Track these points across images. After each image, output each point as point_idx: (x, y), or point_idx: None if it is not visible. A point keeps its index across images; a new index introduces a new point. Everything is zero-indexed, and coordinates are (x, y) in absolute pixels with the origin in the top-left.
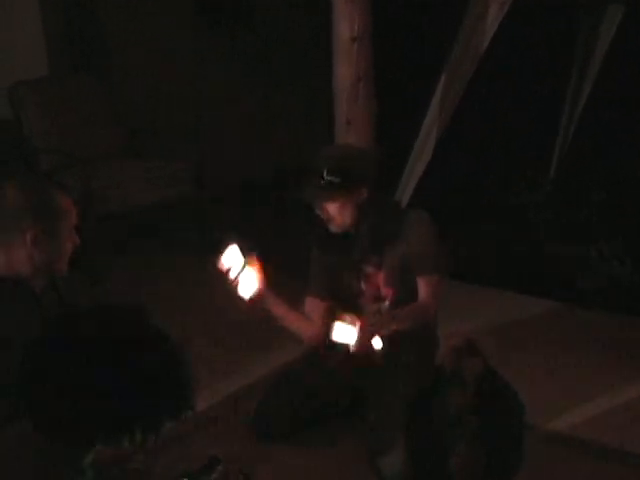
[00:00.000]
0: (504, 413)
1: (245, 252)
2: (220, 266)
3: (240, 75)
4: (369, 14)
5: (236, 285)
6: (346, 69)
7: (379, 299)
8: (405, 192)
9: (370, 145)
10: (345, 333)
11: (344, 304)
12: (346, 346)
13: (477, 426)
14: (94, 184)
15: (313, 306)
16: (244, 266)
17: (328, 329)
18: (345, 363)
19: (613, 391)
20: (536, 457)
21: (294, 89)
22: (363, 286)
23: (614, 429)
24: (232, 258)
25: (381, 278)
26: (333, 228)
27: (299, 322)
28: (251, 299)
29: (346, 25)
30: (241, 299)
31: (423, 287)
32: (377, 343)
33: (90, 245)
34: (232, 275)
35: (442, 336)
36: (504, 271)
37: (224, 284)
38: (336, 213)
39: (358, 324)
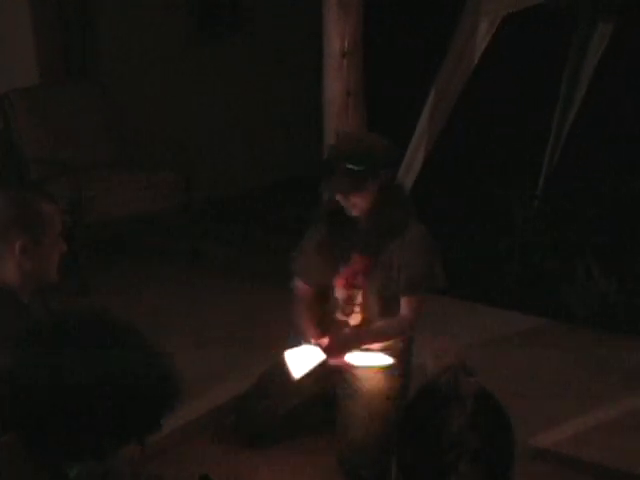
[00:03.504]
0: (500, 432)
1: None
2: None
3: (232, 86)
4: (360, 29)
5: None
6: (336, 83)
7: (352, 286)
8: None
9: None
10: (310, 355)
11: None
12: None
13: (477, 445)
14: (84, 193)
15: (302, 291)
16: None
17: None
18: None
19: (598, 407)
20: (520, 473)
21: (287, 100)
22: (342, 268)
23: (598, 445)
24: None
25: (362, 268)
26: (352, 212)
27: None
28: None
29: (337, 40)
30: None
31: (405, 304)
32: (354, 359)
33: (78, 254)
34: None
35: (431, 353)
36: (491, 287)
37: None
38: (358, 200)
39: (323, 344)
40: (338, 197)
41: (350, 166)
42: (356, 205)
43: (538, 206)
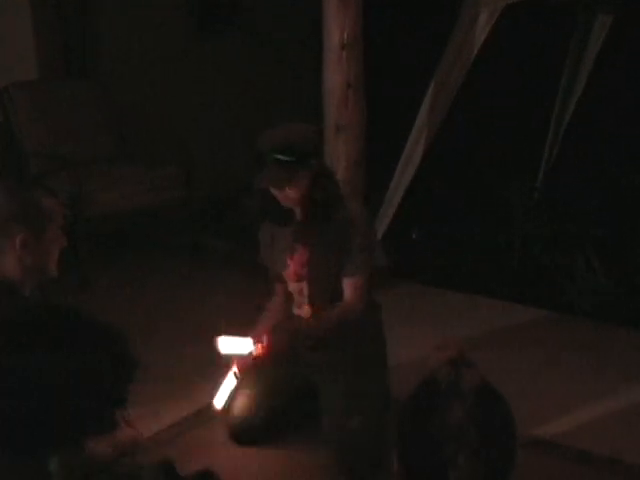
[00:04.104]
0: (501, 424)
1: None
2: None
3: (231, 85)
4: (359, 21)
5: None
6: (336, 75)
7: (299, 278)
8: (394, 198)
9: (360, 151)
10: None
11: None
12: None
13: (477, 438)
14: (84, 188)
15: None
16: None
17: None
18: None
19: (597, 399)
20: (520, 465)
21: (287, 99)
22: (289, 261)
23: (598, 436)
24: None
25: (305, 258)
26: (287, 204)
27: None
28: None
29: (336, 32)
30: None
31: (349, 288)
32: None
33: (78, 249)
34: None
35: (431, 346)
36: (490, 279)
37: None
38: (292, 192)
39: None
40: (272, 190)
41: (281, 158)
42: (290, 197)
43: (538, 198)
